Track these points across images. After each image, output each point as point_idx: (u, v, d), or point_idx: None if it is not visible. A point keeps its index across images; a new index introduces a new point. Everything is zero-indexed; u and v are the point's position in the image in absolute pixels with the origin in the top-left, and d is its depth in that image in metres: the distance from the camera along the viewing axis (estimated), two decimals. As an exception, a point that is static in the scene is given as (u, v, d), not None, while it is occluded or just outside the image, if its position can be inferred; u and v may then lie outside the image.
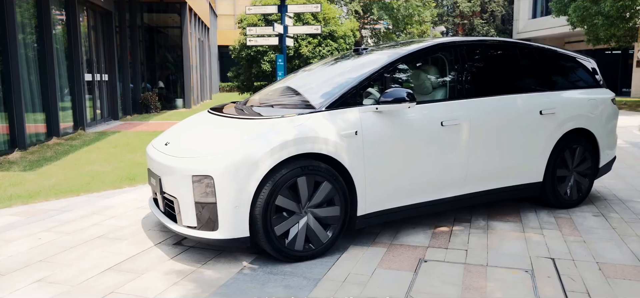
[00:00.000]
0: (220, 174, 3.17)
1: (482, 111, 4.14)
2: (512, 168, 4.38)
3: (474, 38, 4.57)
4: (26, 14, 8.90)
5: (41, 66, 9.27)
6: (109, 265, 3.41)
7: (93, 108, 12.57)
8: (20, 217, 4.59)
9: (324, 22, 17.97)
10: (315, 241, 3.46)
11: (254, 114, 3.83)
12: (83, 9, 11.84)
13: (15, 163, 7.15)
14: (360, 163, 3.55)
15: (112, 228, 4.22)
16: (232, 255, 3.54)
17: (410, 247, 3.74)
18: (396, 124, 3.71)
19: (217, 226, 3.22)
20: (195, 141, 3.63)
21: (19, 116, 8.02)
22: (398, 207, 3.84)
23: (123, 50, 15.03)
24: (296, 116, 3.46)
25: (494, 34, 37.09)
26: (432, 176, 3.94)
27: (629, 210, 4.72)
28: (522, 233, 4.07)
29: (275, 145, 3.24)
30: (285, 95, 4.35)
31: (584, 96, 4.82)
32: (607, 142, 5.00)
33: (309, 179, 3.37)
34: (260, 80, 18.34)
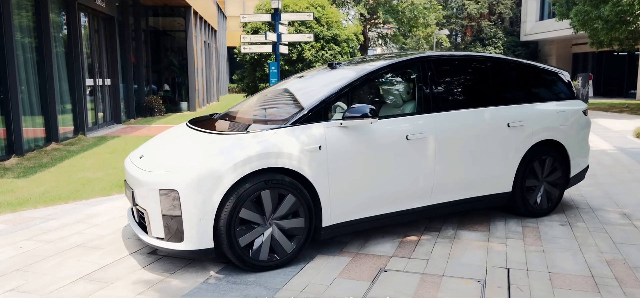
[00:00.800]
0: (185, 188, 3.33)
1: (448, 124, 4.26)
2: (480, 179, 4.50)
3: (443, 53, 4.69)
4: (25, 20, 9.15)
5: (40, 72, 9.52)
6: (82, 274, 3.58)
7: (95, 112, 12.84)
8: (7, 225, 4.79)
9: (327, 26, 18.11)
10: (279, 252, 3.61)
11: (224, 129, 3.98)
12: (85, 14, 12.10)
13: (10, 169, 7.39)
14: (324, 176, 3.69)
15: (92, 237, 4.40)
16: (201, 265, 3.70)
17: (374, 257, 3.87)
18: (361, 139, 3.85)
19: (183, 238, 3.39)
20: (165, 155, 3.80)
21: (16, 122, 8.26)
22: (364, 218, 3.98)
23: (126, 54, 15.30)
24: (261, 132, 3.62)
25: (502, 36, 36.98)
26: (398, 188, 4.07)
27: (597, 219, 4.82)
28: (487, 242, 4.19)
29: (239, 160, 3.39)
30: (259, 108, 4.51)
31: (553, 108, 4.92)
32: (578, 152, 5.09)
33: (273, 193, 3.52)
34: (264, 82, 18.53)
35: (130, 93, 15.57)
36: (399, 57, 4.48)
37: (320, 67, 4.91)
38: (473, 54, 4.92)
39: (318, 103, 3.79)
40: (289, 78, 5.10)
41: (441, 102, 4.30)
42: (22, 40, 8.91)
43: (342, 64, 4.72)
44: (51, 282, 3.46)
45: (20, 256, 3.95)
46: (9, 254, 4.00)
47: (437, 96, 4.29)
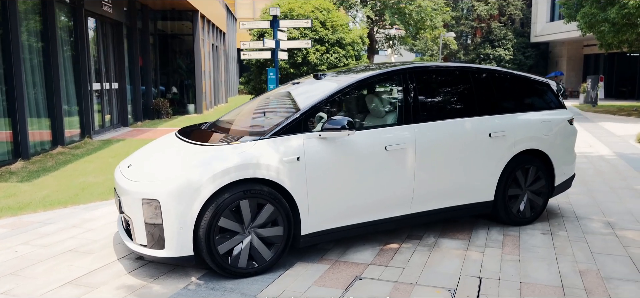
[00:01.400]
0: (165, 198, 3.48)
1: (428, 135, 4.36)
2: (461, 189, 4.59)
3: (425, 64, 4.78)
4: (32, 26, 9.41)
5: (47, 77, 9.79)
6: (71, 278, 3.75)
7: (102, 116, 13.11)
8: (6, 229, 4.99)
9: (332, 30, 18.23)
10: (258, 259, 3.74)
11: (208, 140, 4.12)
12: (92, 20, 12.37)
13: (16, 173, 7.63)
14: (302, 187, 3.82)
15: (85, 242, 4.58)
16: (184, 271, 3.85)
17: (352, 264, 3.99)
18: (340, 150, 3.96)
19: (164, 246, 3.54)
20: (150, 165, 3.95)
21: (22, 127, 8.51)
22: (343, 226, 4.09)
23: (134, 57, 15.57)
24: (241, 143, 3.76)
25: (512, 37, 36.79)
26: (377, 197, 4.18)
27: (580, 228, 4.88)
28: (465, 251, 4.28)
29: (217, 172, 3.53)
30: (245, 119, 4.65)
31: (537, 117, 4.99)
32: (563, 162, 5.15)
33: (252, 202, 3.66)
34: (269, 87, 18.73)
35: (137, 96, 15.85)
36: (381, 68, 4.58)
37: (307, 78, 5.04)
38: (456, 64, 5.02)
39: (297, 116, 3.91)
40: (276, 88, 5.23)
41: (422, 113, 4.40)
42: (29, 45, 9.16)
43: (327, 75, 4.84)
44: (41, 286, 3.63)
45: (15, 260, 4.13)
46: (4, 258, 4.19)
47: (418, 107, 4.39)
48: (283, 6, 18.51)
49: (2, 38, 8.19)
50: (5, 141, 8.33)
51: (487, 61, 37.01)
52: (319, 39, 18.05)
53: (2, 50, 8.21)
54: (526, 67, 36.39)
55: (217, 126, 4.55)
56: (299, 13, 17.88)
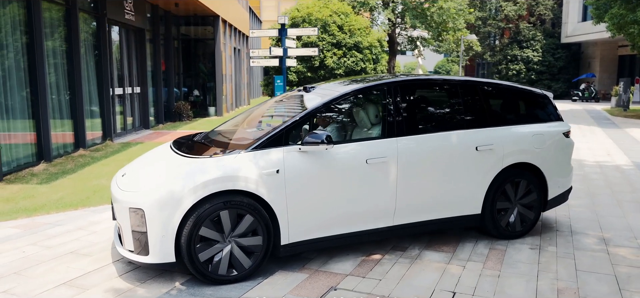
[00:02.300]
0: (149, 207, 3.68)
1: (411, 148, 4.43)
2: (446, 202, 4.64)
3: (411, 77, 4.84)
4: (57, 36, 9.86)
5: (70, 83, 10.24)
6: (66, 279, 4.00)
7: (124, 119, 13.58)
8: (19, 230, 5.32)
9: (350, 34, 18.32)
10: (238, 267, 3.91)
11: (195, 152, 4.29)
12: (115, 28, 12.83)
13: (37, 175, 8.04)
14: (282, 198, 3.96)
15: (87, 244, 4.84)
16: (170, 276, 4.05)
17: (331, 274, 4.11)
18: (320, 163, 4.09)
19: (149, 252, 3.74)
20: (139, 175, 4.16)
21: (45, 130, 8.95)
22: (324, 237, 4.22)
23: (157, 62, 16.04)
24: (222, 157, 3.93)
25: (541, 38, 36.00)
26: (358, 209, 4.29)
27: (572, 243, 4.85)
28: (446, 264, 4.33)
29: (198, 183, 3.71)
30: (234, 131, 4.82)
31: (528, 130, 4.98)
32: (557, 175, 5.13)
33: (232, 213, 3.83)
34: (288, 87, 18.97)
35: (159, 99, 16.31)
36: (365, 82, 4.68)
37: (295, 90, 5.18)
38: (443, 77, 5.07)
39: (278, 130, 4.06)
40: (268, 101, 5.40)
41: (406, 126, 4.47)
42: (53, 53, 9.61)
43: (316, 87, 4.97)
44: (38, 286, 3.89)
45: (20, 260, 4.42)
46: (12, 257, 4.49)
47: (401, 120, 4.46)
48: (302, 10, 18.72)
49: (27, 46, 8.63)
50: (29, 144, 8.77)
51: (515, 63, 36.33)
52: (336, 43, 18.17)
53: (28, 57, 8.65)
54: (556, 69, 35.58)
55: (209, 138, 4.73)
56: (317, 17, 18.05)
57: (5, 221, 5.61)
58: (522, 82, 36.32)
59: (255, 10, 40.87)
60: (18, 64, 8.43)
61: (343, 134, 4.74)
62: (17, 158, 8.34)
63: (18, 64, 8.43)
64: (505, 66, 37.23)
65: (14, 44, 8.30)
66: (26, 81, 8.63)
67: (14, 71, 8.29)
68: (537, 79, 36.04)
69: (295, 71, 18.62)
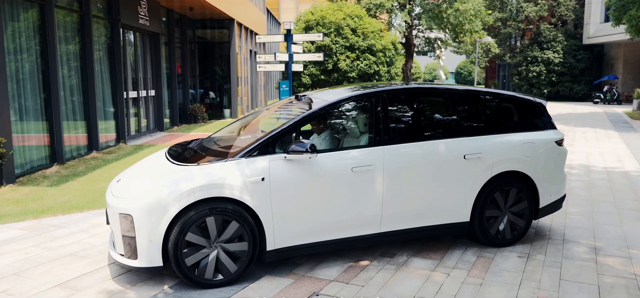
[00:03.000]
0: (137, 213, 3.83)
1: (397, 156, 4.49)
2: (434, 209, 4.69)
3: (399, 86, 4.89)
4: (70, 41, 10.18)
5: (84, 87, 10.55)
6: (62, 281, 4.19)
7: (138, 121, 13.91)
8: (25, 231, 5.55)
9: (363, 37, 18.38)
10: (224, 272, 4.04)
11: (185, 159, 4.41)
12: (129, 32, 13.15)
13: (48, 177, 8.33)
14: (267, 205, 4.07)
15: (87, 246, 5.03)
16: (160, 279, 4.20)
17: (316, 280, 4.20)
18: (305, 171, 4.19)
19: (137, 256, 3.90)
20: (131, 181, 4.31)
21: (58, 134, 9.26)
22: (310, 243, 4.31)
23: (172, 65, 16.37)
24: (209, 165, 4.06)
25: (562, 39, 35.40)
26: (344, 217, 4.37)
27: (561, 252, 4.85)
28: (431, 271, 4.39)
29: (184, 191, 3.85)
30: (226, 138, 4.95)
31: (518, 138, 4.99)
32: (549, 183, 5.12)
33: (217, 219, 3.95)
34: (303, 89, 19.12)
35: (174, 102, 16.63)
36: (353, 91, 4.77)
37: (288, 99, 5.29)
38: (431, 86, 5.11)
39: (265, 139, 4.18)
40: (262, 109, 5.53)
41: (392, 135, 4.54)
42: (67, 58, 9.93)
43: (307, 95, 5.07)
44: (34, 286, 4.08)
45: (22, 262, 4.63)
46: (14, 258, 4.70)
47: (388, 129, 4.53)
48: (316, 14, 18.85)
49: (41, 50, 8.94)
50: (42, 147, 9.08)
51: (535, 64, 35.80)
52: (349, 46, 18.25)
53: (41, 62, 8.96)
54: (577, 71, 34.95)
55: (202, 145, 4.87)
56: (331, 20, 18.16)
57: (13, 222, 5.85)
58: (542, 84, 35.79)
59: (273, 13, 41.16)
60: (32, 69, 8.75)
61: (336, 142, 4.83)
62: (31, 161, 8.66)
63: (32, 69, 8.75)
64: (525, 68, 36.73)
65: (28, 49, 8.62)
66: (40, 85, 8.95)
67: (28, 76, 8.61)
68: (558, 81, 35.47)
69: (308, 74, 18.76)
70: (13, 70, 8.17)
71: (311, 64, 18.56)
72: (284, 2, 48.98)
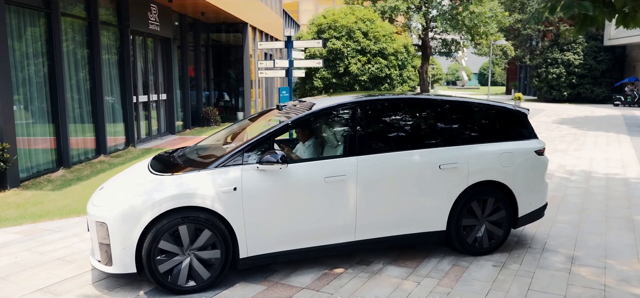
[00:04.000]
0: (111, 221, 3.99)
1: (371, 166, 4.56)
2: (409, 218, 4.74)
3: (375, 97, 4.95)
4: (78, 47, 10.50)
5: (92, 92, 10.86)
6: (45, 285, 4.38)
7: (149, 125, 14.22)
8: (20, 235, 5.79)
9: (374, 40, 18.39)
10: (197, 279, 4.17)
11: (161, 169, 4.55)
12: (139, 37, 13.47)
13: (53, 181, 8.62)
14: (239, 214, 4.19)
15: (75, 251, 5.23)
16: (137, 285, 4.36)
17: (288, 287, 4.30)
18: (278, 181, 4.29)
19: (112, 263, 4.06)
20: (111, 190, 4.47)
21: (64, 137, 9.56)
22: (283, 251, 4.41)
23: (184, 69, 16.68)
24: (183, 174, 4.20)
25: (582, 40, 34.74)
26: (317, 225, 4.46)
27: (537, 261, 4.85)
28: (403, 280, 4.44)
29: (156, 200, 4.00)
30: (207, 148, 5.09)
31: (496, 148, 5.00)
32: (528, 193, 5.12)
33: (190, 227, 4.09)
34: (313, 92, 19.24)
35: (187, 105, 16.94)
36: (330, 102, 4.85)
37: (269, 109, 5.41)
38: (407, 96, 5.14)
39: (238, 150, 4.30)
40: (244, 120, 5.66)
41: (366, 145, 4.61)
42: (75, 63, 10.24)
43: (287, 105, 5.18)
44: (17, 290, 4.28)
45: (10, 266, 4.84)
46: (4, 263, 4.92)
47: (362, 140, 4.61)
48: (328, 17, 18.93)
49: (48, 56, 9.25)
50: (49, 151, 9.40)
51: (555, 66, 35.21)
52: (360, 50, 18.30)
53: (48, 68, 9.28)
54: (598, 73, 34.25)
55: (183, 155, 5.01)
56: (342, 24, 18.24)
57: (10, 226, 6.11)
58: (562, 86, 35.18)
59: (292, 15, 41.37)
60: (38, 75, 9.06)
61: (319, 150, 4.92)
62: (37, 164, 8.97)
63: (38, 76, 9.06)
64: (544, 70, 36.16)
65: (35, 56, 8.93)
66: (46, 91, 9.26)
67: (34, 82, 8.92)
68: (578, 83, 34.82)
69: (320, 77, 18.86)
70: (20, 77, 8.49)
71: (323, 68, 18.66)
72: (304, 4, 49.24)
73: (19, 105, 8.44)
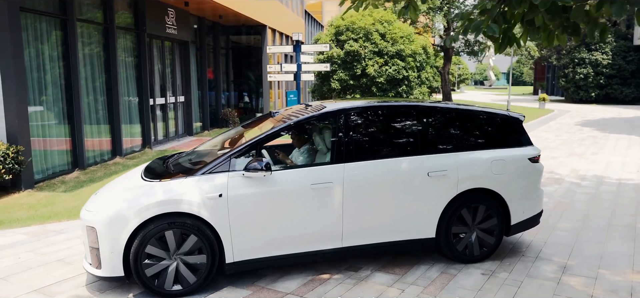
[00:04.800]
0: (100, 226, 4.14)
1: (358, 174, 4.59)
2: (397, 225, 4.75)
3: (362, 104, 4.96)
4: (95, 51, 10.82)
5: (108, 94, 11.18)
6: (41, 286, 4.56)
7: (166, 127, 14.52)
8: (27, 236, 6.02)
9: (392, 42, 18.35)
10: (183, 282, 4.28)
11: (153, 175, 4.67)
12: (156, 41, 13.77)
13: (66, 183, 8.91)
14: (225, 220, 4.28)
15: (75, 253, 5.41)
16: (128, 287, 4.49)
17: (273, 292, 4.37)
18: (264, 187, 4.36)
19: (101, 266, 4.21)
20: (102, 197, 4.62)
21: (79, 139, 9.87)
22: (269, 257, 4.48)
23: (202, 72, 16.95)
24: (170, 181, 4.31)
25: (611, 40, 33.79)
26: (303, 232, 4.51)
27: (527, 271, 4.78)
28: (388, 287, 4.45)
29: (143, 206, 4.12)
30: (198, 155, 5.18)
31: (487, 156, 4.96)
32: (521, 200, 5.06)
33: (176, 232, 4.20)
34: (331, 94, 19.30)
35: (205, 107, 17.22)
36: (318, 110, 4.89)
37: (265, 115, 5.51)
38: (397, 103, 5.13)
39: (225, 157, 4.39)
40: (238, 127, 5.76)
41: (354, 152, 4.64)
42: (91, 67, 10.57)
43: (279, 112, 5.26)
44: (14, 291, 4.46)
45: (12, 266, 5.05)
46: (6, 263, 5.13)
47: (349, 147, 4.64)
48: (346, 19, 18.98)
49: (64, 60, 9.57)
50: (64, 153, 9.72)
51: (582, 66, 34.36)
52: (378, 51, 18.28)
53: (64, 72, 9.60)
54: (627, 73, 33.27)
55: (176, 161, 5.13)
56: (360, 26, 18.25)
57: (19, 227, 6.36)
58: (590, 86, 34.30)
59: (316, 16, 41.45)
60: (54, 79, 9.38)
61: (312, 156, 4.98)
62: (53, 166, 9.29)
63: (54, 80, 9.38)
64: (571, 70, 35.34)
65: (51, 61, 9.25)
66: (62, 94, 9.58)
67: (50, 86, 9.24)
68: (606, 84, 33.91)
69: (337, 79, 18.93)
70: (36, 81, 8.81)
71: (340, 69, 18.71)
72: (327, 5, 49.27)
73: (35, 108, 8.76)
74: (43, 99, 9.04)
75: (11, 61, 7.88)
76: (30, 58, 8.60)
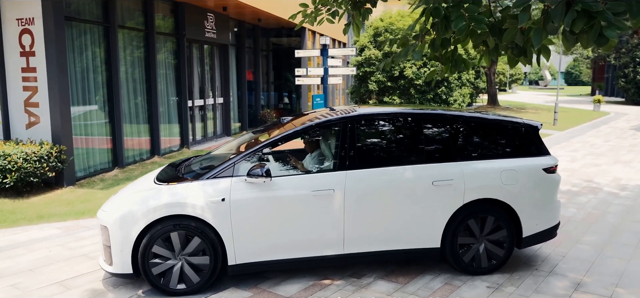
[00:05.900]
0: (111, 225, 4.39)
1: (360, 181, 4.61)
2: (401, 234, 4.73)
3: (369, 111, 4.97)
4: (136, 56, 11.34)
5: (148, 96, 11.69)
6: (62, 279, 4.88)
7: (204, 127, 14.99)
8: (61, 230, 6.44)
9: (430, 42, 18.08)
10: (187, 282, 4.46)
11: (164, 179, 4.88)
12: (196, 45, 14.23)
13: (105, 180, 9.41)
14: (227, 224, 4.43)
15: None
16: (139, 284, 4.73)
17: (274, 295, 4.48)
18: (265, 193, 4.48)
19: (112, 263, 4.46)
20: (116, 198, 4.87)
21: (119, 139, 10.39)
22: (271, 261, 4.59)
23: (241, 73, 17.36)
24: (176, 184, 4.51)
25: None
26: (304, 238, 4.59)
27: (536, 286, 4.65)
28: (387, 296, 4.46)
29: (150, 208, 4.34)
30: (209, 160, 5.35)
31: (497, 165, 4.85)
32: (535, 211, 4.92)
33: (181, 234, 4.39)
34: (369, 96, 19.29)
35: (243, 108, 17.62)
36: (322, 117, 4.95)
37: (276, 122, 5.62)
38: (402, 110, 5.08)
39: (229, 163, 4.54)
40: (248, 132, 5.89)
41: (357, 160, 4.67)
42: (132, 70, 11.09)
43: (288, 118, 5.36)
44: (37, 283, 4.81)
45: (42, 259, 5.43)
46: (37, 256, 5.52)
47: (352, 154, 4.67)
48: (385, 20, 18.87)
49: (106, 64, 10.11)
50: (105, 152, 10.26)
51: (643, 66, 32.39)
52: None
53: (106, 74, 10.14)
54: (694, 73, 31.06)
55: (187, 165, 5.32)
56: (398, 27, 18.11)
57: (55, 222, 6.80)
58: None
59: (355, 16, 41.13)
60: (97, 82, 9.93)
61: (322, 162, 5.06)
62: (94, 164, 9.84)
63: (97, 83, 9.93)
64: (632, 70, 33.46)
65: (94, 65, 9.80)
66: (104, 96, 10.12)
67: (93, 88, 9.79)
68: (669, 84, 31.82)
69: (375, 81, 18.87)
70: (80, 84, 9.36)
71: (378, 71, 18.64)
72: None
73: (79, 109, 9.31)
74: (86, 101, 9.58)
75: (56, 68, 8.41)
76: (74, 63, 9.15)
